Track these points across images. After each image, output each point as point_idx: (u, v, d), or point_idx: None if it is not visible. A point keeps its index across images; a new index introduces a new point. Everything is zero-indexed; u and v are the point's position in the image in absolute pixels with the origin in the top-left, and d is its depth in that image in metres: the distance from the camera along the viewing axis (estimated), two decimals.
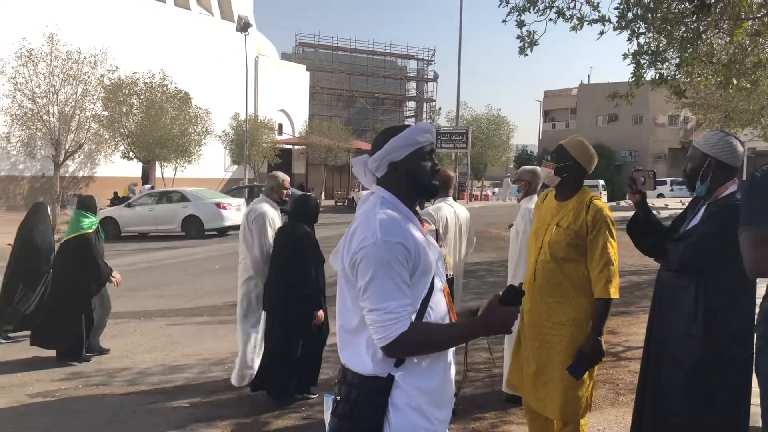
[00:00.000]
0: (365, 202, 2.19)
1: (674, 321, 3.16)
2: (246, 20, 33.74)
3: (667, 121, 58.37)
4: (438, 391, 2.11)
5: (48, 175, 26.17)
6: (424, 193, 2.23)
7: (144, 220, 20.90)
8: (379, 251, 1.98)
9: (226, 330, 8.13)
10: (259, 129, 36.91)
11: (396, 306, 1.96)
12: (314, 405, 5.27)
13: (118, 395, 5.71)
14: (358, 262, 2.01)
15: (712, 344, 3.01)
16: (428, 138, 2.20)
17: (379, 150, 2.18)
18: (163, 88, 28.20)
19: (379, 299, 1.97)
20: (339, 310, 2.17)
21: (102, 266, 6.95)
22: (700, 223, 3.15)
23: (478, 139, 45.39)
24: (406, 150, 2.16)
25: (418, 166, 2.18)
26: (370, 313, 1.99)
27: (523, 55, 6.50)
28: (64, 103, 21.35)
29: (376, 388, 2.03)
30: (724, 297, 3.01)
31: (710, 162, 3.13)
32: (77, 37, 24.07)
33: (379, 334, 1.98)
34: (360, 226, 2.08)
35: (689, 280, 3.10)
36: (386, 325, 1.96)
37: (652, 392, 3.25)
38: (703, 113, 21.62)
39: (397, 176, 2.17)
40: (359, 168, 2.24)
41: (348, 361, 2.11)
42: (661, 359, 3.22)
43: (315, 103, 54.38)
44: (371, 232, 2.01)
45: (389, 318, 1.96)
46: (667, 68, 6.72)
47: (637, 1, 5.97)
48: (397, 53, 63.98)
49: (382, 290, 1.97)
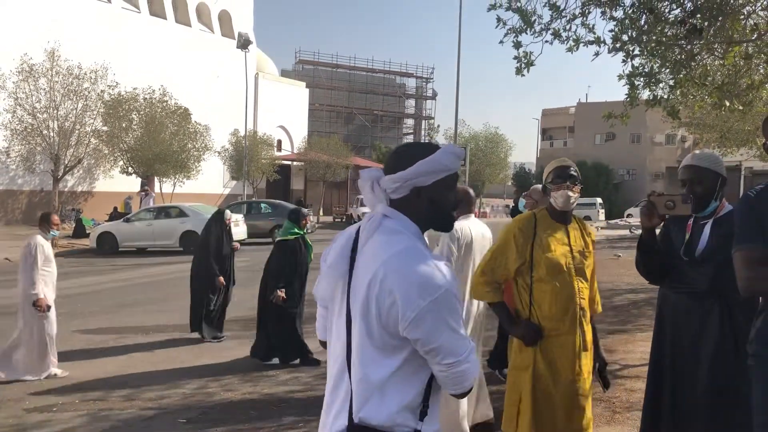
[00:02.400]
0: (378, 228, 1.92)
1: (697, 344, 3.14)
2: (246, 37, 33.97)
3: (665, 140, 58.58)
4: None
5: (47, 189, 26.20)
6: (444, 224, 2.03)
7: (142, 235, 20.90)
8: (450, 299, 1.79)
9: (224, 346, 8.15)
10: (258, 145, 37.03)
11: (467, 351, 1.85)
12: (311, 421, 5.28)
13: (115, 410, 5.72)
14: (428, 318, 1.77)
15: (740, 363, 3.01)
16: (458, 165, 1.98)
17: (402, 170, 1.91)
18: (163, 103, 28.32)
19: (454, 351, 1.81)
20: (356, 360, 1.87)
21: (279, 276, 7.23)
22: (723, 245, 3.02)
23: (476, 156, 45.53)
24: (434, 176, 1.92)
25: (443, 195, 1.95)
26: (459, 365, 1.82)
27: (520, 75, 6.58)
28: (64, 118, 21.46)
29: None
30: (746, 316, 3.01)
31: (722, 180, 3.24)
32: (78, 52, 24.23)
33: (465, 381, 1.86)
34: (410, 274, 1.79)
35: (713, 302, 3.09)
36: (466, 374, 1.84)
37: (671, 416, 3.25)
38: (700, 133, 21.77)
39: (419, 202, 1.93)
40: (366, 183, 1.98)
41: (366, 415, 1.85)
42: (678, 382, 3.21)
43: (314, 119, 54.61)
44: (435, 278, 1.79)
45: (467, 367, 1.84)
46: (661, 89, 6.81)
47: (631, 23, 6.06)
48: (396, 71, 64.37)
49: (456, 339, 1.82)
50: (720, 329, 3.07)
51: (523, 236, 3.45)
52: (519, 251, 3.43)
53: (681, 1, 6.14)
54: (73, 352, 7.82)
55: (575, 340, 3.40)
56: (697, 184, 3.24)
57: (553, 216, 3.52)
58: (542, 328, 3.37)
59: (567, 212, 3.52)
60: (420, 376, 1.86)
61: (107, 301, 11.50)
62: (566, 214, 3.52)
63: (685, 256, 3.24)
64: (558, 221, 3.51)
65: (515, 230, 3.48)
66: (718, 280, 3.07)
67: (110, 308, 10.78)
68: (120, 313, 10.30)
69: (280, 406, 5.83)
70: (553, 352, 3.37)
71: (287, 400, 6.00)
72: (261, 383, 6.54)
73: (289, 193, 43.09)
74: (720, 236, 3.14)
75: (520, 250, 3.43)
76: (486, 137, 48.74)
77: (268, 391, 6.28)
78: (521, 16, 6.29)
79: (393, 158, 1.98)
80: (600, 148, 58.44)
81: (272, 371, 6.98)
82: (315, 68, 59.33)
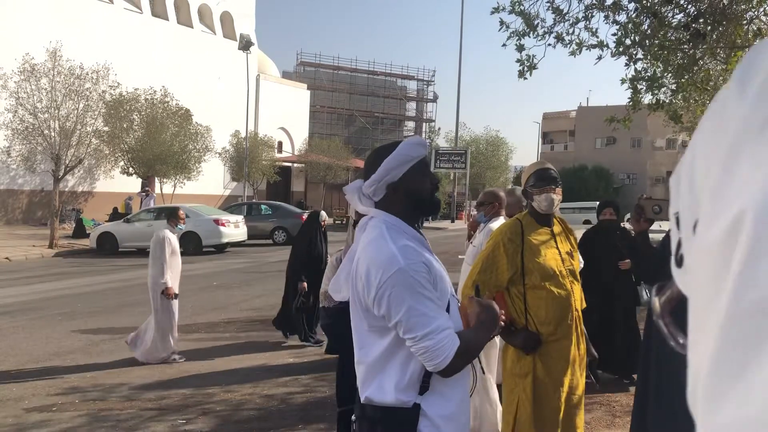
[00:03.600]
0: (366, 229, 2.09)
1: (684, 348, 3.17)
2: (248, 39, 33.99)
3: (665, 144, 58.62)
4: (459, 418, 2.05)
5: (47, 189, 26.19)
6: (428, 210, 2.14)
7: (142, 235, 20.85)
8: (406, 277, 1.90)
9: (223, 347, 8.14)
10: (259, 146, 37.03)
11: (442, 326, 1.91)
12: (311, 422, 5.28)
13: (115, 410, 5.71)
14: (385, 296, 1.91)
15: None
16: (422, 152, 2.11)
17: (373, 173, 2.07)
18: (164, 104, 28.32)
19: (425, 324, 1.89)
20: (356, 345, 2.07)
21: None
22: None
23: (477, 159, 45.60)
24: (401, 168, 2.06)
25: (417, 183, 2.09)
26: (420, 341, 1.90)
27: (523, 78, 6.58)
28: (65, 118, 21.39)
29: (403, 419, 1.95)
30: None
31: None
32: (80, 52, 24.24)
33: (435, 358, 1.90)
34: (373, 258, 1.97)
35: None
36: (441, 347, 1.89)
37: (656, 416, 3.27)
38: None
39: (398, 197, 2.08)
40: (353, 195, 2.15)
41: (370, 394, 2.00)
42: (663, 384, 3.24)
43: (315, 121, 54.62)
44: (391, 259, 1.93)
45: (441, 338, 1.89)
46: (664, 93, 6.81)
47: (634, 27, 6.06)
48: (398, 73, 64.39)
49: (424, 314, 1.90)
50: None
51: (512, 245, 3.41)
52: (510, 260, 3.40)
53: (684, 5, 6.15)
54: (73, 351, 7.82)
55: (573, 344, 3.40)
56: None
57: (538, 220, 3.50)
58: (541, 335, 3.36)
59: (551, 215, 3.51)
60: (412, 354, 1.96)
61: (107, 301, 11.49)
62: (550, 217, 3.52)
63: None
64: (543, 225, 3.50)
65: (504, 240, 3.44)
66: None
67: (110, 308, 10.76)
68: (120, 314, 10.29)
69: (280, 407, 5.82)
70: (552, 358, 3.36)
71: (287, 401, 5.99)
72: (261, 384, 6.53)
73: (289, 195, 43.09)
74: None
75: (510, 259, 3.40)
76: (487, 140, 48.83)
77: (268, 392, 6.27)
78: (524, 19, 6.31)
79: (365, 165, 2.15)
80: (601, 152, 58.48)
81: (272, 373, 6.97)
82: (316, 70, 59.36)
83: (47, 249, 20.44)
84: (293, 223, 24.70)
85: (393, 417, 1.96)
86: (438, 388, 1.98)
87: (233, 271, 16.26)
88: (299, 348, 8.04)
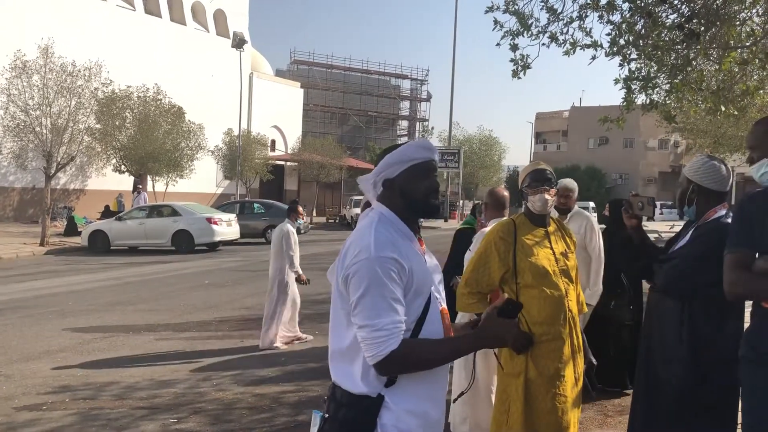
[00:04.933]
0: (365, 218, 2.17)
1: (660, 343, 3.21)
2: (241, 37, 33.88)
3: (658, 145, 58.87)
4: (428, 415, 2.07)
5: (39, 187, 26.05)
6: (419, 212, 2.17)
7: (134, 233, 20.82)
8: (371, 266, 1.95)
9: (215, 345, 8.12)
10: (252, 145, 36.91)
11: (387, 323, 1.93)
12: (303, 423, 5.26)
13: (105, 409, 5.68)
14: (351, 277, 1.99)
15: (699, 368, 3.05)
16: (425, 155, 2.14)
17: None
18: (157, 102, 28.19)
19: (371, 315, 1.94)
20: (331, 327, 2.13)
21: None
22: (685, 246, 3.23)
23: (470, 159, 45.69)
24: (399, 167, 2.12)
25: (412, 184, 2.13)
26: (360, 330, 1.96)
27: (516, 78, 6.57)
28: (57, 115, 21.26)
29: (365, 408, 1.99)
30: (711, 321, 3.05)
31: (693, 187, 3.23)
32: (72, 49, 24.07)
33: (369, 351, 1.94)
34: (354, 241, 2.05)
35: (675, 303, 3.15)
36: (377, 342, 1.92)
37: (644, 411, 3.29)
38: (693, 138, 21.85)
39: (393, 194, 2.14)
40: (366, 185, 2.22)
41: (338, 379, 2.07)
42: (649, 379, 3.27)
43: (308, 120, 54.54)
44: (365, 246, 1.99)
45: (380, 335, 1.92)
46: (657, 94, 6.82)
47: (628, 27, 6.07)
48: (391, 72, 64.39)
49: (374, 306, 1.94)
50: (679, 332, 3.11)
51: (504, 244, 3.42)
52: (501, 259, 3.41)
53: (678, 6, 6.16)
54: (64, 350, 7.77)
55: (566, 344, 3.39)
56: (678, 187, 3.34)
57: (532, 220, 3.51)
58: (533, 334, 3.35)
59: (545, 215, 3.50)
60: None
61: (98, 299, 11.43)
62: (545, 218, 3.51)
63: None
64: (537, 225, 3.50)
65: (496, 238, 3.46)
66: (669, 278, 3.18)
67: (101, 307, 10.71)
68: (111, 312, 10.25)
69: (272, 406, 5.80)
70: (544, 358, 3.35)
71: (280, 400, 5.97)
72: (253, 383, 6.50)
73: (282, 194, 43.01)
74: (691, 240, 3.21)
75: (502, 257, 3.41)
76: (480, 140, 48.95)
77: (260, 391, 6.25)
78: (518, 18, 6.30)
79: (376, 160, 2.22)
80: (593, 152, 58.67)
81: (264, 372, 6.95)
82: (310, 68, 59.27)
83: (38, 247, 20.33)
84: None
85: (357, 404, 2.00)
86: (405, 383, 2.01)
87: (225, 269, 16.22)
88: (292, 347, 8.02)
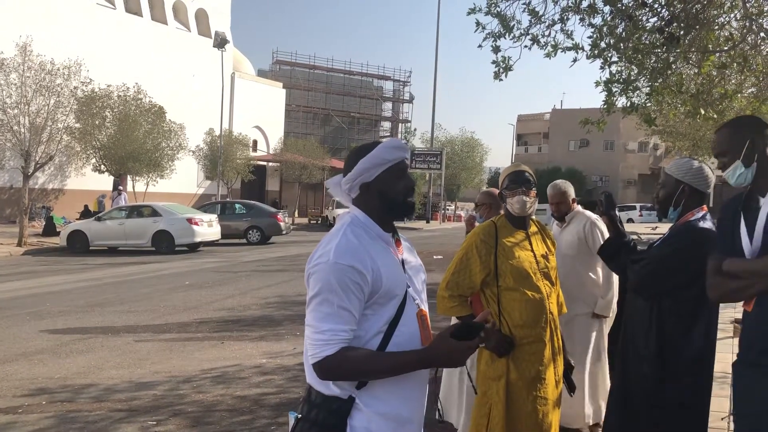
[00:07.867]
0: (340, 220, 2.18)
1: (633, 340, 3.25)
2: (223, 36, 33.73)
3: (637, 147, 59.44)
4: (400, 417, 2.06)
5: (16, 186, 25.74)
6: (398, 212, 2.17)
7: (114, 234, 20.64)
8: (327, 272, 1.98)
9: (195, 347, 8.05)
10: (234, 145, 36.76)
11: (328, 329, 1.96)
12: (284, 425, 5.23)
13: (83, 412, 5.61)
14: (309, 277, 2.04)
15: (666, 367, 3.07)
16: (398, 155, 2.14)
17: (350, 171, 2.14)
18: (138, 101, 27.95)
19: (315, 317, 1.99)
20: (305, 331, 2.13)
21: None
22: (656, 246, 3.26)
23: (452, 160, 45.80)
24: (376, 170, 2.11)
25: (389, 185, 2.13)
26: (306, 328, 2.03)
27: (498, 79, 6.59)
28: (35, 114, 21.02)
29: (336, 409, 2.01)
30: (680, 322, 3.06)
31: (683, 188, 3.19)
32: (51, 48, 23.81)
33: (309, 350, 2.00)
34: (322, 243, 2.08)
35: (646, 302, 3.18)
36: (315, 344, 1.97)
37: (618, 409, 3.33)
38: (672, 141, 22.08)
39: (370, 197, 2.14)
40: (335, 188, 2.22)
41: (312, 380, 2.08)
42: (624, 377, 3.31)
43: (290, 120, 54.37)
44: (327, 251, 2.02)
45: (318, 339, 1.96)
46: (638, 96, 6.88)
47: (609, 30, 6.11)
48: (374, 74, 64.35)
49: (320, 310, 1.98)
50: (647, 331, 3.14)
51: (485, 246, 3.41)
52: (483, 262, 3.40)
53: (658, 10, 6.22)
54: (41, 352, 7.67)
55: (547, 347, 3.40)
56: (661, 188, 3.29)
57: (513, 222, 3.50)
58: (514, 337, 3.35)
59: (525, 217, 3.50)
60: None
61: (77, 300, 11.31)
62: (525, 220, 3.50)
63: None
64: (518, 227, 3.49)
65: (477, 241, 3.45)
66: (636, 278, 3.21)
67: (80, 308, 10.59)
68: (90, 313, 10.13)
69: (252, 408, 5.77)
70: (525, 361, 3.35)
71: (260, 402, 5.93)
72: (233, 385, 6.46)
73: (264, 194, 42.84)
74: (663, 241, 3.25)
75: (483, 260, 3.40)
76: (462, 141, 49.08)
77: (240, 393, 6.20)
78: (500, 20, 6.32)
79: (345, 163, 2.21)
80: (574, 154, 59.09)
81: (245, 373, 6.91)
82: (292, 69, 59.07)
83: (16, 247, 20.09)
84: (268, 222, 24.59)
85: (328, 405, 2.02)
86: (377, 386, 2.02)
87: (206, 270, 16.12)
88: (272, 349, 7.98)
